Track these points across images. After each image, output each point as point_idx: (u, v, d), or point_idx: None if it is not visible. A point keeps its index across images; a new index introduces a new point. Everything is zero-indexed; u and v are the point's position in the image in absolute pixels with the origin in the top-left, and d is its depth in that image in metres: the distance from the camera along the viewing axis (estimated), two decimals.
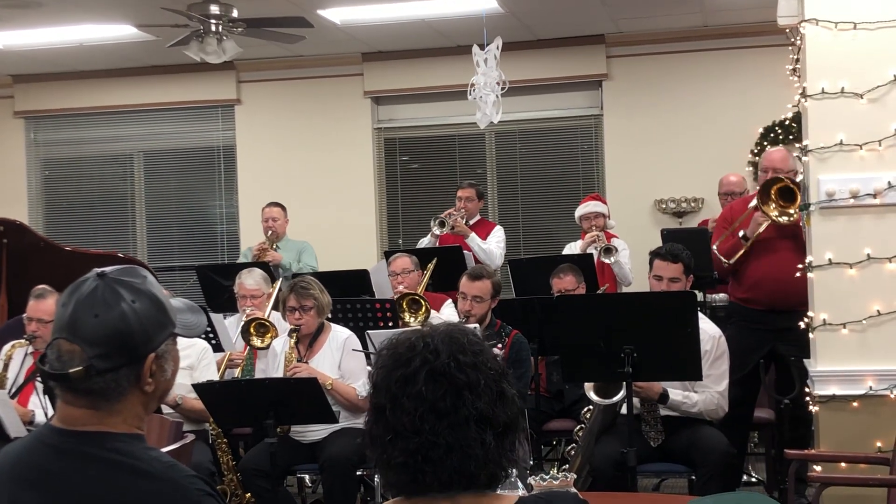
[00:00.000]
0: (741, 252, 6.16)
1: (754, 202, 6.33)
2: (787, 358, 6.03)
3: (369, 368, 5.96)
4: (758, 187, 6.44)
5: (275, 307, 6.69)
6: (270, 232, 8.60)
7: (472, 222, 8.36)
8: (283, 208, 8.78)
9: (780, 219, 5.94)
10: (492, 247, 8.22)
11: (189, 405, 5.77)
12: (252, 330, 6.29)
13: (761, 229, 6.09)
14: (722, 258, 6.20)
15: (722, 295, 7.30)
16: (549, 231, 10.19)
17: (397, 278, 7.03)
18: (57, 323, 2.13)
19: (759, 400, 6.36)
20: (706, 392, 5.34)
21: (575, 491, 2.14)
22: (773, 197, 5.97)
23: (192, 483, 2.09)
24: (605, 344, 4.90)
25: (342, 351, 5.91)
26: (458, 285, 6.24)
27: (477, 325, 5.80)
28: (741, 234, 6.17)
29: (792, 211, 5.91)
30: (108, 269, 2.16)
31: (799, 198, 5.86)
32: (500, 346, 5.90)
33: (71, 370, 2.07)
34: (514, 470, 2.76)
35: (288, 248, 8.67)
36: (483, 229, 8.38)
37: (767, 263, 6.15)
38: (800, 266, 5.41)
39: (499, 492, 2.04)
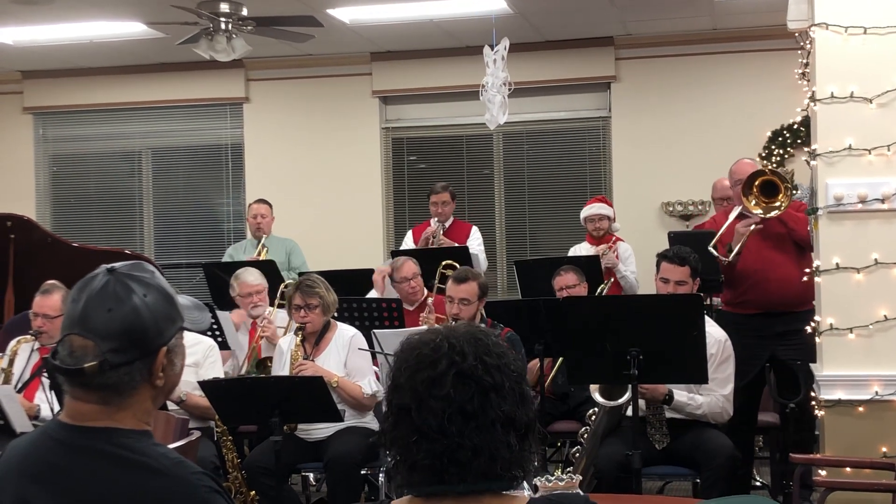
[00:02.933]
0: (729, 260, 6.13)
1: (735, 213, 6.35)
2: (788, 362, 6.03)
3: (375, 368, 5.97)
4: (735, 203, 6.46)
5: (281, 305, 6.71)
6: (262, 243, 8.54)
7: (447, 224, 8.37)
8: (270, 205, 8.81)
9: (768, 215, 5.94)
10: (475, 252, 8.19)
11: (193, 401, 5.77)
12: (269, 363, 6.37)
13: (744, 240, 6.08)
14: (720, 257, 6.19)
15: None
16: (556, 232, 10.18)
17: (409, 283, 7.00)
18: (67, 319, 2.13)
19: (764, 404, 6.36)
20: (711, 395, 5.34)
21: (583, 493, 2.13)
22: (755, 192, 5.98)
23: (199, 480, 2.10)
24: (610, 346, 4.90)
25: (348, 349, 5.91)
26: None
27: (483, 327, 5.79)
28: (727, 245, 6.17)
29: (778, 203, 5.91)
30: (117, 264, 2.17)
31: (782, 192, 5.88)
32: None
33: (85, 365, 2.08)
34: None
35: (274, 244, 8.68)
36: (461, 231, 8.39)
37: (759, 267, 6.15)
38: (807, 270, 5.41)
39: (504, 492, 2.04)
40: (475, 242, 8.35)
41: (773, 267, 6.14)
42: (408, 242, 8.53)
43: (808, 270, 5.43)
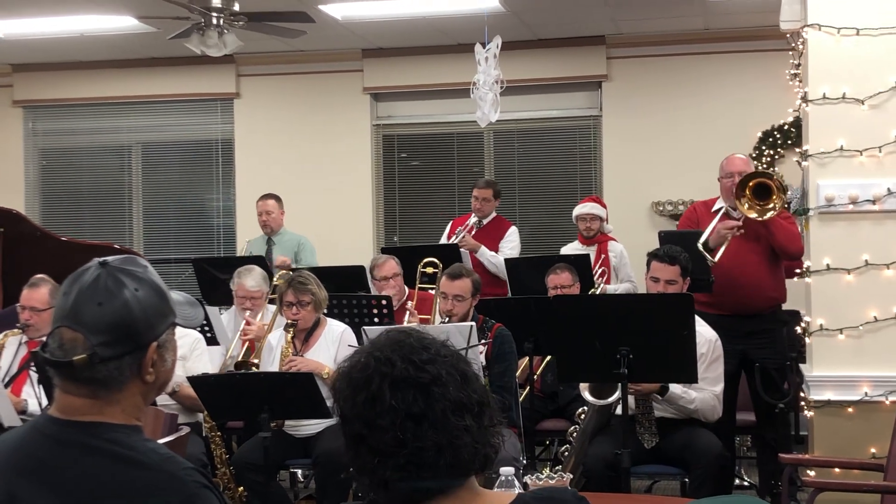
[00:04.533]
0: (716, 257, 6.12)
1: (717, 205, 6.33)
2: (758, 362, 6.03)
3: None
4: (720, 195, 6.45)
5: (272, 301, 6.70)
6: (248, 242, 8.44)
7: (486, 221, 8.30)
8: (279, 199, 8.73)
9: (762, 217, 5.90)
10: (501, 259, 8.14)
11: (185, 392, 5.75)
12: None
13: (726, 242, 6.04)
14: (708, 256, 6.17)
15: None
16: (546, 231, 10.18)
17: (388, 282, 6.97)
18: (58, 312, 2.12)
19: (742, 403, 6.35)
20: (703, 392, 5.33)
21: (573, 490, 2.12)
22: (747, 194, 5.95)
23: (188, 475, 2.08)
24: (600, 345, 4.89)
25: (338, 344, 5.90)
26: None
27: (473, 325, 5.78)
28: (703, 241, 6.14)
29: (771, 205, 5.87)
30: (109, 258, 2.16)
31: (776, 193, 5.85)
32: (483, 342, 5.87)
33: (75, 358, 2.06)
34: (511, 469, 2.76)
35: (284, 241, 8.64)
36: (498, 229, 8.30)
37: (734, 269, 6.12)
38: (798, 271, 5.42)
39: (496, 490, 2.04)
40: (507, 246, 8.26)
41: (747, 272, 6.12)
42: (445, 232, 8.48)
43: (798, 271, 5.44)
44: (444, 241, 8.36)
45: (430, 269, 7.08)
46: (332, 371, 5.78)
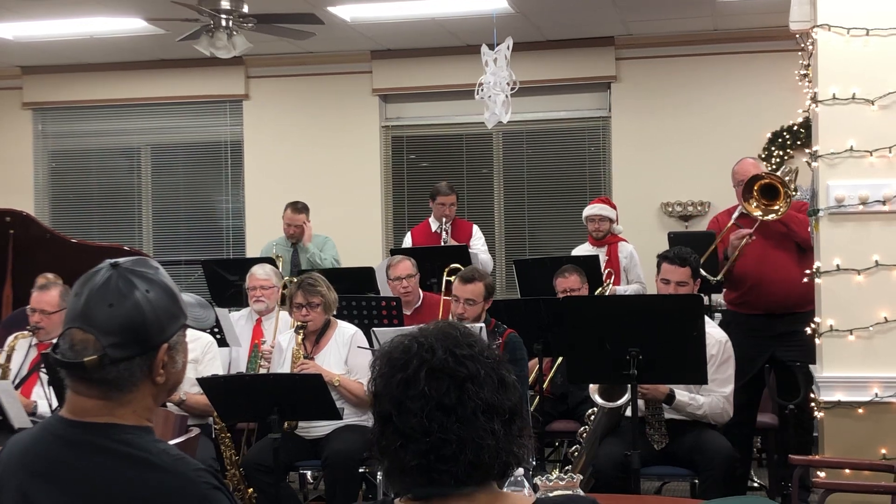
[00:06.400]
0: (724, 269, 6.18)
1: (738, 213, 6.37)
2: (788, 363, 6.04)
3: None
4: (738, 202, 6.49)
5: (282, 303, 6.71)
6: (277, 253, 8.40)
7: (449, 225, 8.34)
8: (308, 211, 8.56)
9: (765, 217, 5.97)
10: (481, 256, 8.16)
11: (193, 401, 5.76)
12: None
13: (737, 252, 6.10)
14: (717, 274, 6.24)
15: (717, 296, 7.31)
16: (555, 232, 10.18)
17: (402, 283, 6.96)
18: (70, 313, 2.13)
19: (763, 405, 6.36)
20: (712, 395, 5.33)
21: (590, 496, 2.12)
22: (755, 195, 5.99)
23: (200, 476, 2.09)
24: (610, 346, 4.89)
25: (349, 347, 5.91)
26: None
27: (483, 326, 5.78)
28: (725, 250, 6.22)
29: (777, 207, 5.93)
30: (120, 259, 2.17)
31: (783, 193, 5.90)
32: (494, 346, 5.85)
33: (85, 359, 2.07)
34: (520, 468, 2.76)
35: (313, 243, 8.59)
36: (463, 231, 8.36)
37: (762, 268, 6.15)
38: (808, 272, 5.41)
39: (506, 490, 2.04)
40: (479, 243, 8.32)
41: (775, 268, 6.16)
42: (407, 244, 8.50)
43: (808, 272, 5.43)
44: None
45: (454, 278, 7.09)
46: (343, 378, 5.79)
